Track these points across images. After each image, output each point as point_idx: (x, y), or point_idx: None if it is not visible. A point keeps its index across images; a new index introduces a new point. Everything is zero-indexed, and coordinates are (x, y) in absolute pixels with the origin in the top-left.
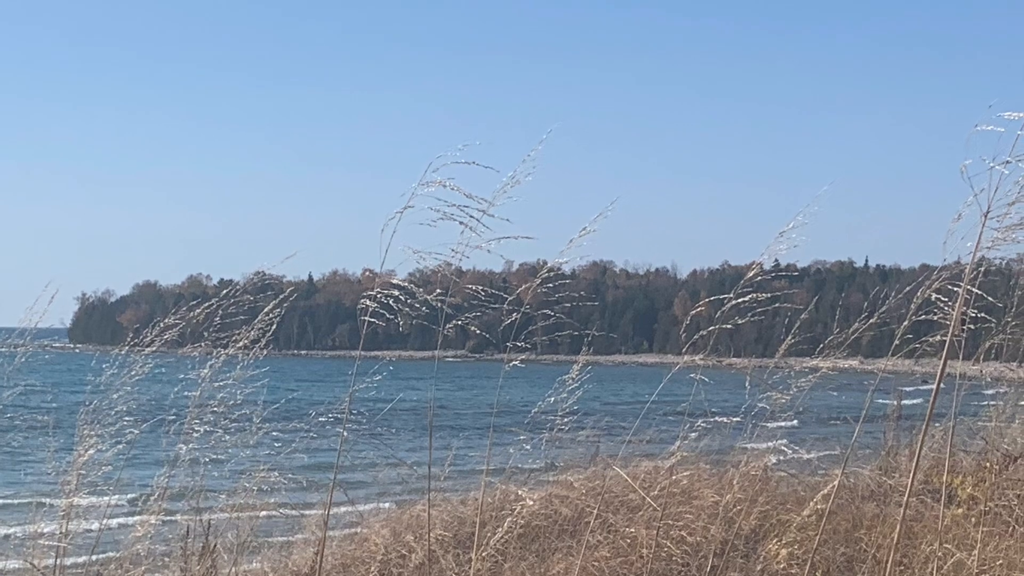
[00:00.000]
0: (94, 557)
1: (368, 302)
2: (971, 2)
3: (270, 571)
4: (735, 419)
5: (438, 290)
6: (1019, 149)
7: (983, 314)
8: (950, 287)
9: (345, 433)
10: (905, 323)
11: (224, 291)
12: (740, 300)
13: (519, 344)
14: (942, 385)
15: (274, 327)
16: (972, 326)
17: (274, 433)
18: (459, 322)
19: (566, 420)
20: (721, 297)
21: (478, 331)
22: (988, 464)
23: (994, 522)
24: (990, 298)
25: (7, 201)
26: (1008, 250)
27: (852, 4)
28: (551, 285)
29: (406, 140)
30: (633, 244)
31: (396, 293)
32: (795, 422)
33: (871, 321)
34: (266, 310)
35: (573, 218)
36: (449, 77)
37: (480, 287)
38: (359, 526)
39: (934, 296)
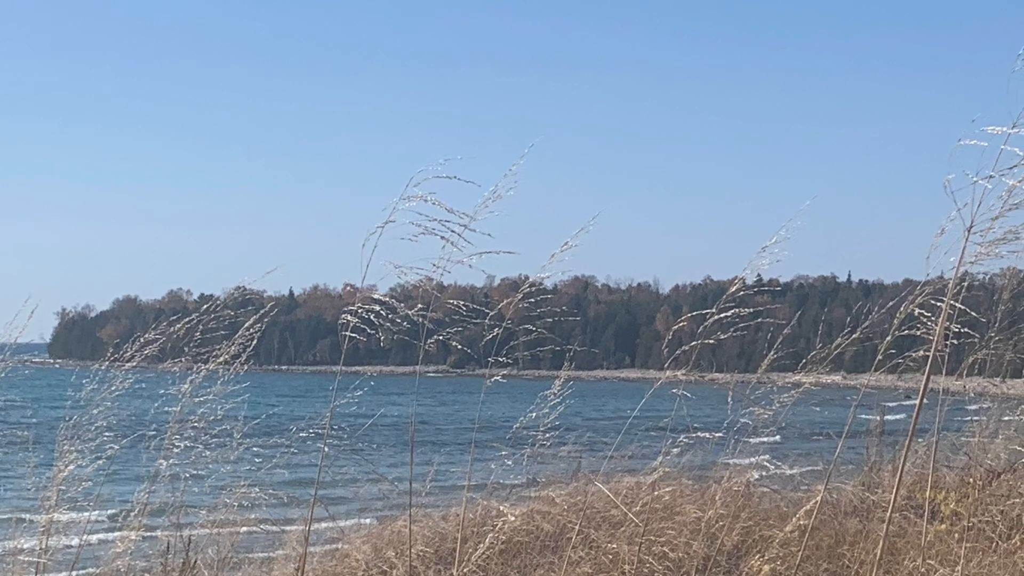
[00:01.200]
0: (74, 573)
1: (349, 317)
2: (955, 17)
3: None
4: (717, 434)
5: (419, 305)
6: (1002, 163)
7: (966, 329)
8: (933, 302)
9: (326, 448)
10: (888, 338)
11: (204, 306)
12: (722, 315)
13: (501, 359)
14: (925, 400)
15: (255, 342)
16: (955, 341)
17: (255, 449)
18: (440, 337)
19: (548, 435)
20: (703, 312)
21: (459, 346)
22: (971, 480)
23: (977, 538)
24: (973, 313)
25: None
26: (991, 265)
27: (835, 18)
28: (533, 300)
29: (387, 155)
30: (615, 259)
31: (377, 308)
32: (778, 437)
33: (854, 336)
34: (247, 325)
35: (555, 233)
36: (430, 92)
37: (461, 302)
38: (340, 542)
39: (917, 311)
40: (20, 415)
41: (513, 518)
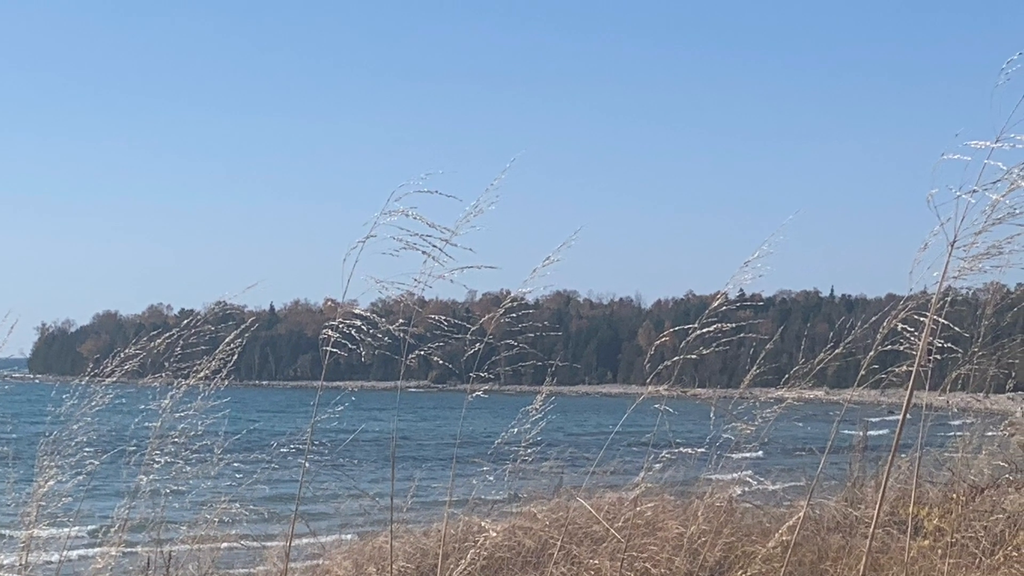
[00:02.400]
0: None
1: (330, 332)
2: (938, 31)
3: None
4: (700, 450)
5: (400, 320)
6: (986, 178)
7: (949, 344)
8: (916, 317)
9: (307, 464)
10: (871, 353)
11: (185, 321)
12: (705, 330)
13: (482, 374)
14: (908, 416)
15: (235, 357)
16: (938, 356)
17: (235, 464)
18: (422, 352)
19: (530, 451)
20: (686, 327)
21: (441, 361)
22: (954, 495)
23: (960, 554)
24: (957, 328)
25: None
26: (975, 280)
27: (818, 32)
28: (514, 315)
29: (368, 169)
30: (597, 274)
31: (358, 323)
32: (760, 453)
33: (837, 351)
34: (227, 340)
35: (537, 248)
36: (411, 106)
37: (443, 317)
38: (321, 558)
39: (900, 326)
40: (0, 431)
41: (495, 534)
